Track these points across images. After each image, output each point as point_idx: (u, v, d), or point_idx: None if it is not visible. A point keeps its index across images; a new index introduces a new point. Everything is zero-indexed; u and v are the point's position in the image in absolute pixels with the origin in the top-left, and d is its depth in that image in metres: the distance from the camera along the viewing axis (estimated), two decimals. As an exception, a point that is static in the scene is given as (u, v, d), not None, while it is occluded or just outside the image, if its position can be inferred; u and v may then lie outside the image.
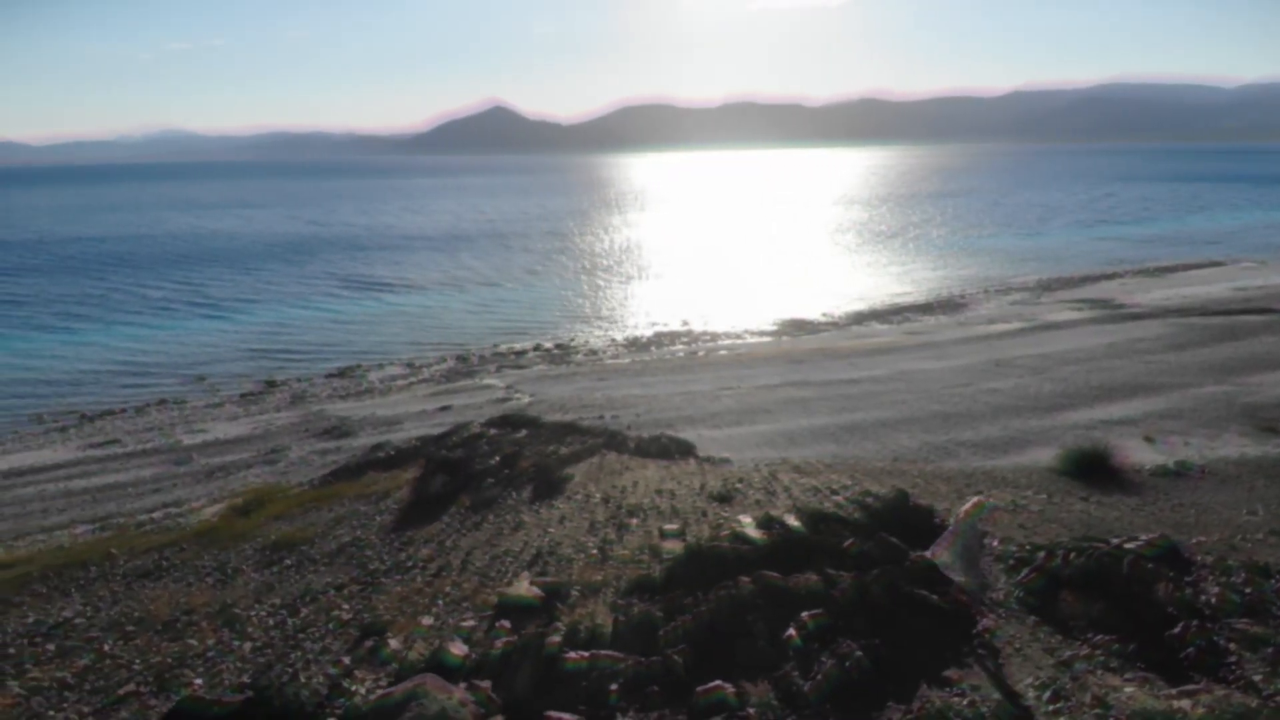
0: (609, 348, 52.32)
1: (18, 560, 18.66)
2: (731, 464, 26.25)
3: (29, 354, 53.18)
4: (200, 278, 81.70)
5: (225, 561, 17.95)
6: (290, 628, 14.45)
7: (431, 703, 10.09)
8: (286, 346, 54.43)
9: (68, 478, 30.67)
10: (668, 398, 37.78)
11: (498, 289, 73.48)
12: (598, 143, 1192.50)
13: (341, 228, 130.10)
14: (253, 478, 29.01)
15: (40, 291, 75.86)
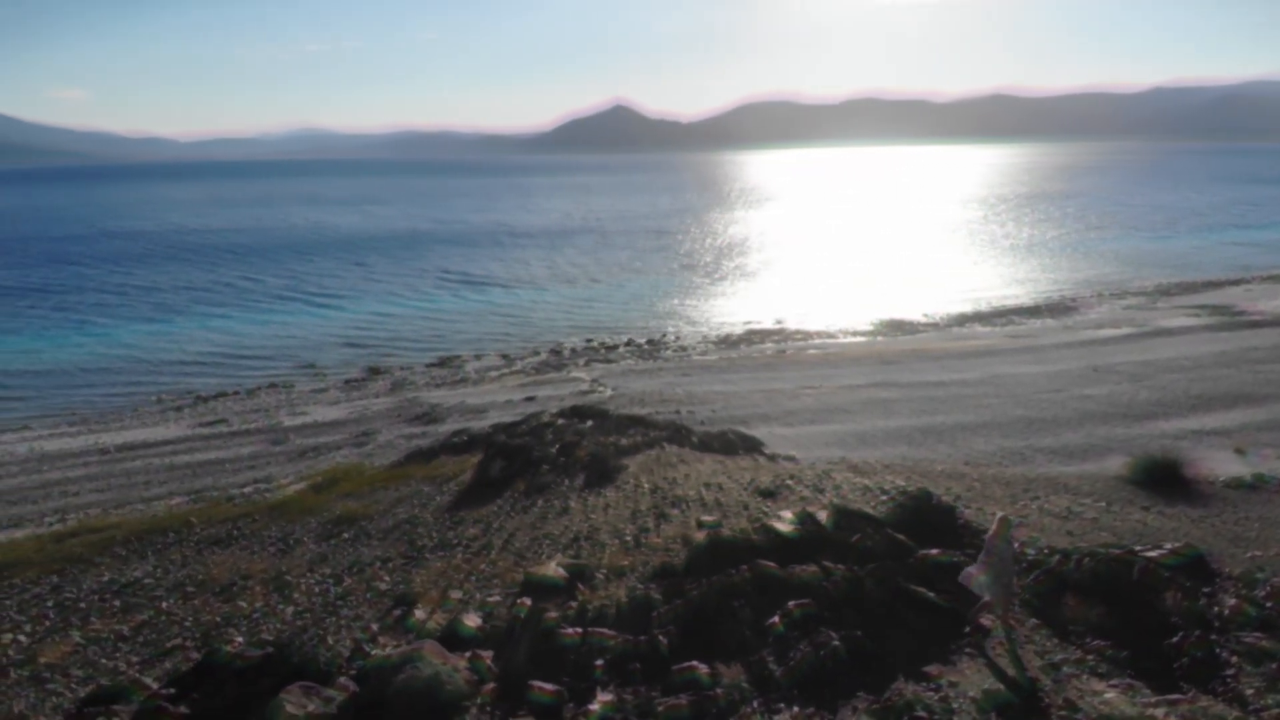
0: (699, 344, 52.57)
1: (108, 525, 20.28)
2: (796, 461, 26.26)
3: (155, 338, 56.99)
4: (318, 270, 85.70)
5: (289, 533, 19.11)
6: (332, 595, 15.36)
7: (426, 666, 10.69)
8: (393, 336, 56.68)
9: (174, 453, 32.90)
10: (747, 395, 37.86)
11: (596, 285, 74.59)
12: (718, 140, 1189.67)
13: (457, 224, 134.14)
14: (340, 458, 30.50)
15: (169, 280, 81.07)
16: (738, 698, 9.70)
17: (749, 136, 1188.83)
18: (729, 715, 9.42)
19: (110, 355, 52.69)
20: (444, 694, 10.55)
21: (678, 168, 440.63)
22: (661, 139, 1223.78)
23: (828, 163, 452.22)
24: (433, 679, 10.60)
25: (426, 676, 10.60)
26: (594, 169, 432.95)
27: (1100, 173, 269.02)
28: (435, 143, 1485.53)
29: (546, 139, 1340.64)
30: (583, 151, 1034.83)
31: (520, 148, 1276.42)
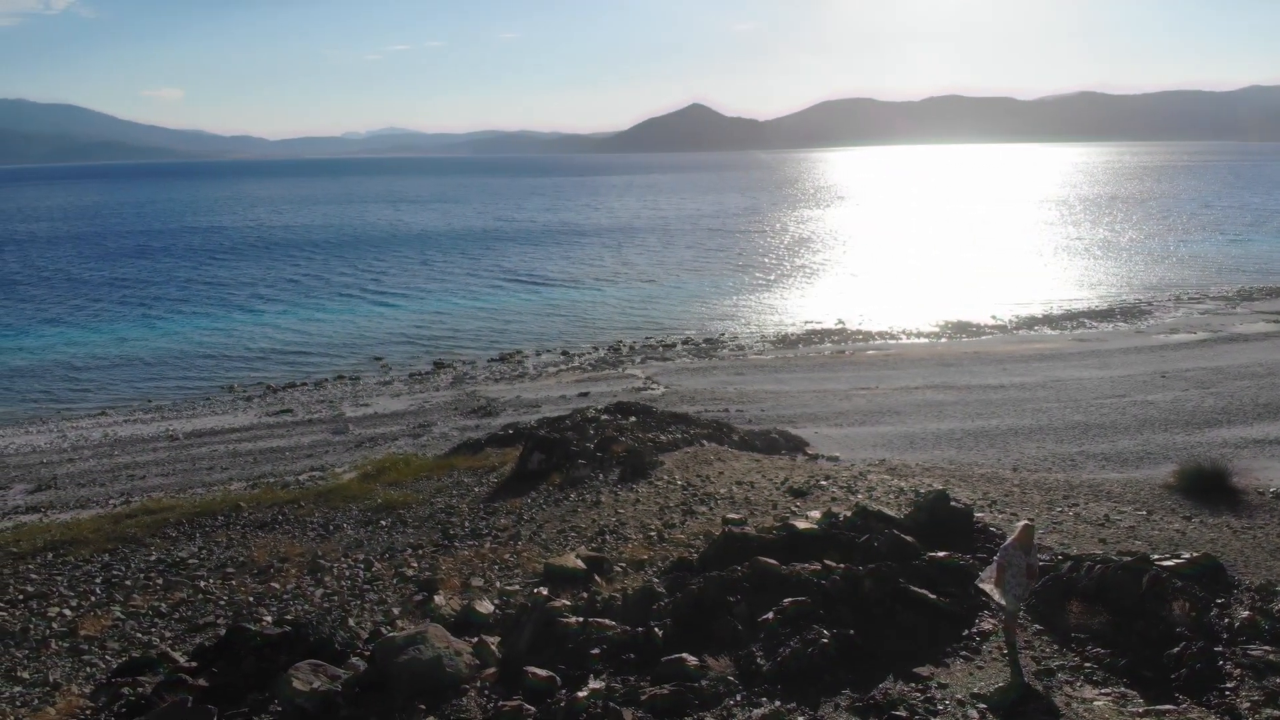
0: (756, 344, 52.45)
1: (164, 507, 21.25)
2: (838, 462, 26.19)
3: (231, 330, 59.13)
4: (390, 266, 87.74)
5: (331, 519, 19.81)
6: (361, 580, 15.93)
7: (428, 649, 11.07)
8: (459, 331, 57.80)
9: (239, 440, 34.18)
10: (799, 394, 37.72)
11: (657, 284, 74.88)
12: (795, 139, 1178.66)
13: (526, 223, 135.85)
14: (395, 448, 31.32)
15: (246, 274, 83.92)
16: (722, 689, 9.84)
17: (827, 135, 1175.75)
18: (712, 706, 9.57)
19: (187, 346, 54.81)
20: (444, 675, 10.92)
21: (752, 166, 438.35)
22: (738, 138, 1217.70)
23: (906, 162, 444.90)
24: (434, 660, 10.97)
25: (428, 658, 10.97)
26: (667, 168, 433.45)
27: (1189, 174, 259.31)
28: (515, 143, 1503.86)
29: (623, 139, 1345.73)
30: (659, 151, 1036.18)
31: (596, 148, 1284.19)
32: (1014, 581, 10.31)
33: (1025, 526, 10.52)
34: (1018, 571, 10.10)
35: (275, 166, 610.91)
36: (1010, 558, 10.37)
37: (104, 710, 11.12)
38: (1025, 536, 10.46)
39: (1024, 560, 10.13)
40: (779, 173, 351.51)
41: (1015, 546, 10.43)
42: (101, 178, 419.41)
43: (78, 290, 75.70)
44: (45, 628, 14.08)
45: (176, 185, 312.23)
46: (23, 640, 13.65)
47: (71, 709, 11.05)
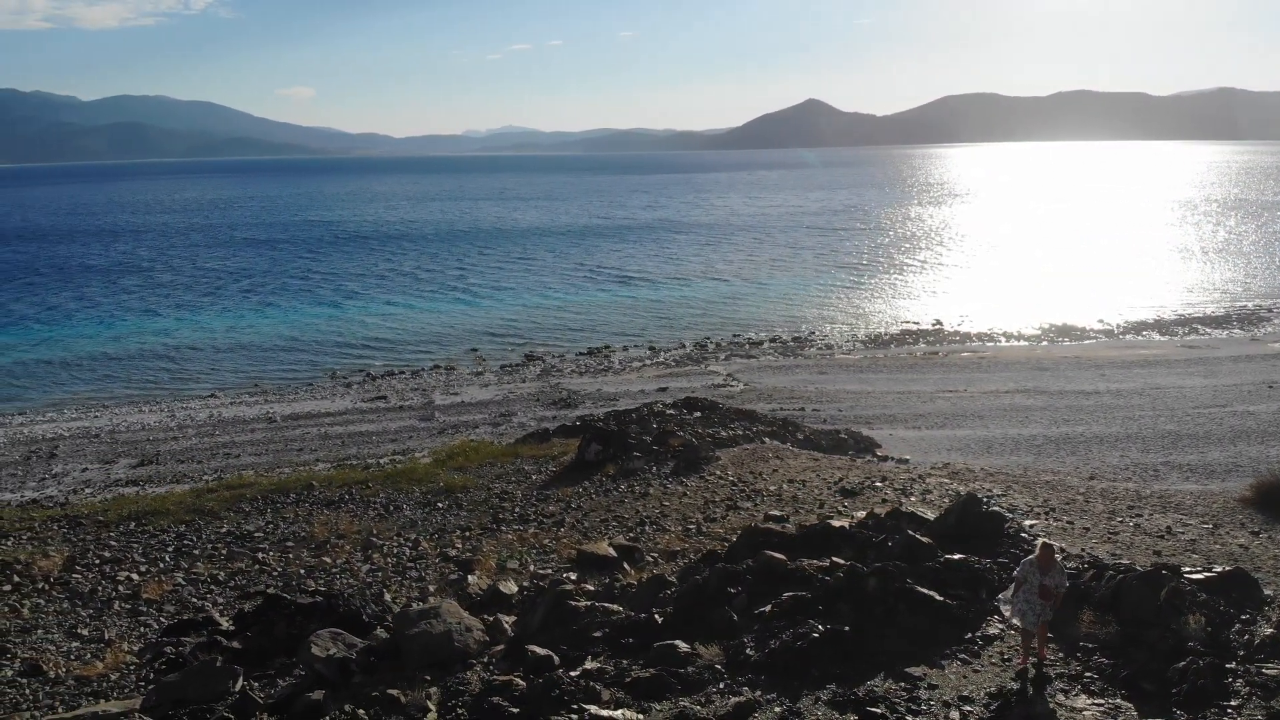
0: (847, 343, 51.79)
1: (243, 484, 22.54)
2: (905, 464, 25.82)
3: (337, 320, 61.72)
4: (492, 261, 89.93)
5: (393, 500, 20.67)
6: (407, 557, 16.64)
7: (440, 623, 11.59)
8: (552, 325, 58.91)
9: (332, 424, 35.76)
10: (880, 395, 37.18)
11: (749, 282, 74.59)
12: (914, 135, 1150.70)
13: (624, 220, 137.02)
14: (474, 436, 32.29)
15: (356, 267, 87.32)
16: (707, 676, 10.01)
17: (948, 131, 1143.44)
18: (694, 690, 9.76)
19: (298, 334, 57.46)
20: (453, 649, 11.41)
21: (867, 163, 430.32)
22: (855, 134, 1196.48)
23: (1029, 159, 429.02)
24: (445, 634, 11.48)
25: (439, 632, 11.48)
26: (778, 165, 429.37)
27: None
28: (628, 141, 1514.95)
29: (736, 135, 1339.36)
30: (772, 147, 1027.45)
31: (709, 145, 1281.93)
32: (1027, 600, 10.11)
33: (1044, 545, 10.30)
34: (1030, 590, 9.92)
35: (397, 164, 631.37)
36: (1026, 575, 10.18)
37: (146, 666, 12.02)
38: (1044, 555, 10.20)
39: (1038, 579, 9.93)
40: (892, 169, 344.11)
41: (1032, 565, 10.22)
42: (235, 172, 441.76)
43: (202, 279, 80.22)
44: (112, 590, 15.24)
45: (302, 180, 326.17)
46: (90, 600, 14.82)
47: (117, 664, 11.99)
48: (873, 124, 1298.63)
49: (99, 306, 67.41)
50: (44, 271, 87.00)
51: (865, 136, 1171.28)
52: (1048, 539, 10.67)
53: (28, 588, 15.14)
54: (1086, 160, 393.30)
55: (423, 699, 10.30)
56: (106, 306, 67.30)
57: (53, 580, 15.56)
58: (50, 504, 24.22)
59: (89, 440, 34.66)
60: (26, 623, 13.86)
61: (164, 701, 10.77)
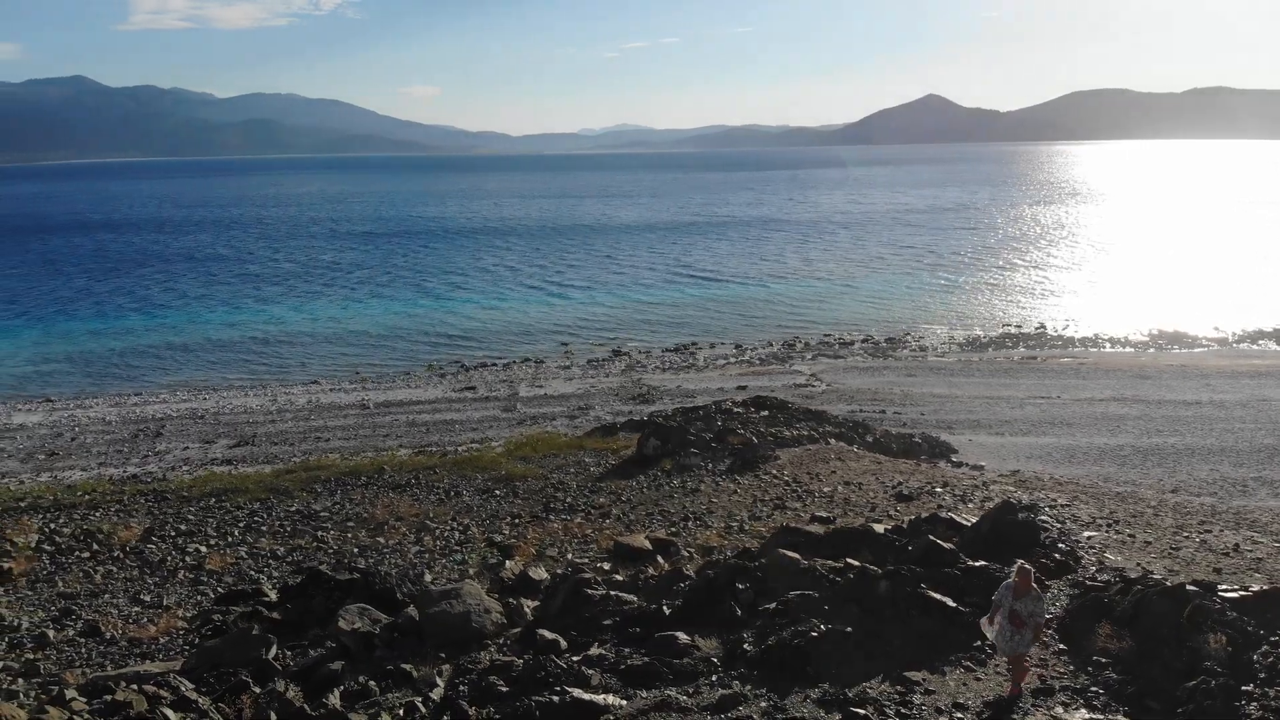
0: (941, 345, 50.60)
1: (321, 466, 23.64)
2: (979, 470, 25.32)
3: (439, 312, 63.63)
4: (590, 257, 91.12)
5: (455, 485, 21.37)
6: (455, 541, 17.24)
7: (459, 603, 12.05)
8: (643, 321, 59.37)
9: (420, 412, 36.98)
10: (967, 400, 36.28)
11: (845, 281, 73.53)
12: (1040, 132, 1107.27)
13: (724, 218, 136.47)
14: (550, 427, 32.94)
15: (461, 261, 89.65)
16: (701, 667, 10.16)
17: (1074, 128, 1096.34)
18: (684, 681, 9.92)
19: (399, 325, 59.49)
20: (470, 629, 11.87)
21: (987, 160, 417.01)
22: (976, 130, 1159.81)
23: (1161, 158, 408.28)
24: (463, 615, 11.94)
25: (458, 612, 11.95)
26: (893, 161, 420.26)
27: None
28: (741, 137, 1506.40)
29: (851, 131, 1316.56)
30: (889, 143, 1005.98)
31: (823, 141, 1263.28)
32: (1002, 626, 9.79)
33: (1020, 568, 9.89)
34: (1003, 615, 9.66)
35: (511, 161, 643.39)
36: (1001, 599, 9.87)
37: (194, 632, 12.86)
38: (1021, 581, 9.77)
39: (1009, 604, 9.64)
40: (1012, 167, 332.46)
41: (1008, 589, 9.88)
42: (357, 169, 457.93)
43: (316, 270, 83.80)
44: (179, 560, 16.29)
45: (419, 177, 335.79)
46: (158, 569, 15.89)
47: (168, 628, 12.88)
48: (995, 120, 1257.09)
49: (218, 295, 71.23)
50: (171, 260, 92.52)
51: (987, 133, 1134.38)
52: (1026, 564, 10.23)
53: (104, 555, 16.34)
54: (1222, 160, 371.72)
55: (433, 675, 10.76)
56: (225, 295, 71.04)
57: (129, 549, 16.74)
58: (148, 479, 25.83)
59: (194, 421, 36.73)
60: (97, 587, 14.99)
61: (202, 664, 11.53)
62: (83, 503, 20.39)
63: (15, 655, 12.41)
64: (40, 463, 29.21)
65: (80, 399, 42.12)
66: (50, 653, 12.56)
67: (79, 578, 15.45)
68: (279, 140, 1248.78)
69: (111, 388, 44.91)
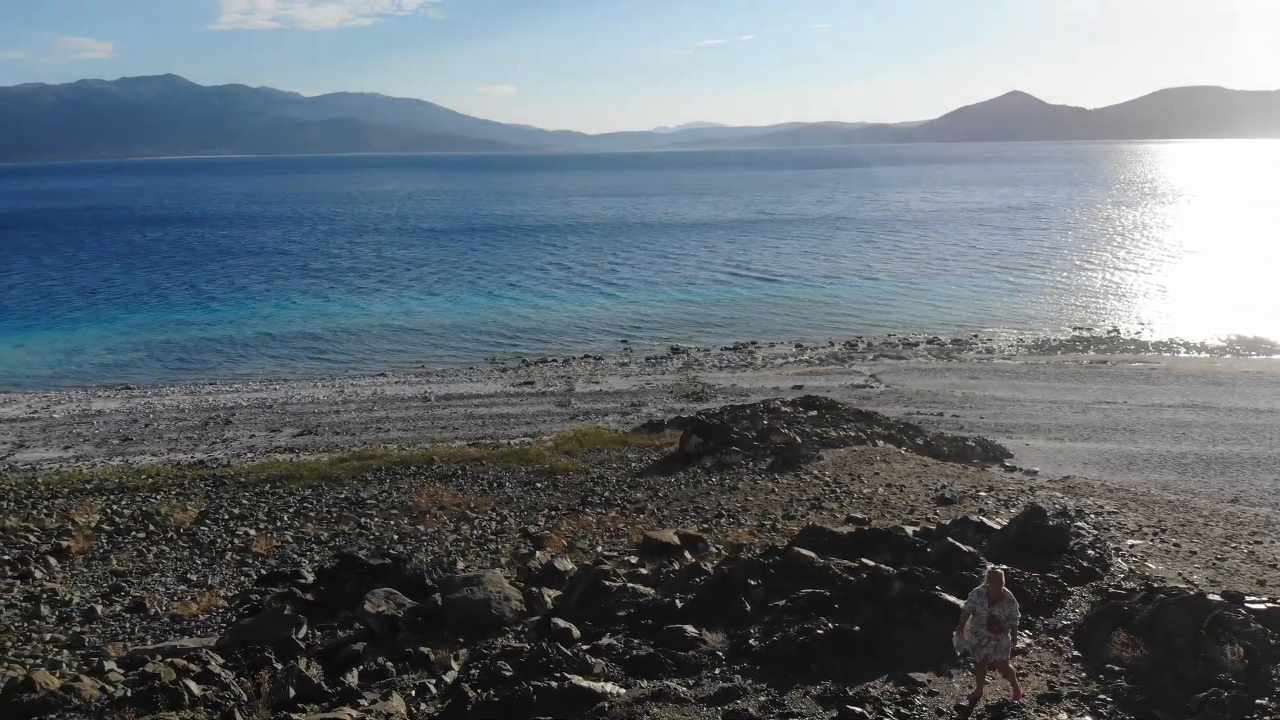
0: (1009, 348, 49.56)
1: (374, 455, 24.31)
2: (1032, 475, 24.92)
3: (503, 308, 64.53)
4: (656, 255, 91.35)
5: (499, 477, 21.80)
6: (492, 530, 17.62)
7: (480, 590, 12.38)
8: (704, 320, 59.37)
9: (478, 405, 37.66)
10: (1030, 404, 35.55)
11: (915, 280, 72.45)
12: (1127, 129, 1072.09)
13: (788, 216, 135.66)
14: (601, 423, 33.27)
15: (533, 257, 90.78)
16: (705, 660, 10.27)
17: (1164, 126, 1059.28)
18: (687, 672, 10.04)
19: (464, 320, 60.57)
20: (489, 616, 12.18)
21: (1069, 158, 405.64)
22: (1061, 127, 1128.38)
23: (1256, 158, 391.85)
24: (483, 602, 12.26)
25: (478, 599, 12.27)
26: (972, 159, 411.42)
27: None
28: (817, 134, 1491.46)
29: (932, 128, 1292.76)
30: (971, 141, 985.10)
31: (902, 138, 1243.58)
32: (975, 633, 9.61)
33: (993, 573, 9.67)
34: (979, 622, 9.50)
35: (583, 160, 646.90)
36: (974, 605, 9.68)
37: (232, 610, 13.43)
38: (993, 586, 9.54)
39: (986, 611, 9.47)
40: (1095, 166, 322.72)
41: (980, 595, 9.69)
42: (434, 167, 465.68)
43: (386, 266, 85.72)
44: (228, 542, 16.96)
45: (492, 176, 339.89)
46: (207, 550, 16.59)
47: (208, 606, 13.48)
48: (1081, 118, 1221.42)
49: (292, 288, 73.40)
50: (248, 255, 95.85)
51: (1072, 131, 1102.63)
52: (998, 567, 10.00)
53: (159, 536, 17.12)
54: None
55: (449, 658, 11.08)
56: (299, 289, 73.15)
57: (182, 531, 17.50)
58: (212, 465, 26.85)
59: (262, 410, 37.96)
60: (148, 566, 15.74)
61: (235, 641, 12.05)
62: (145, 486, 21.34)
63: (63, 628, 13.16)
64: (114, 447, 30.55)
65: (157, 387, 43.85)
66: (96, 627, 13.27)
67: (132, 556, 16.23)
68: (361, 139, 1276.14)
69: (187, 377, 46.66)
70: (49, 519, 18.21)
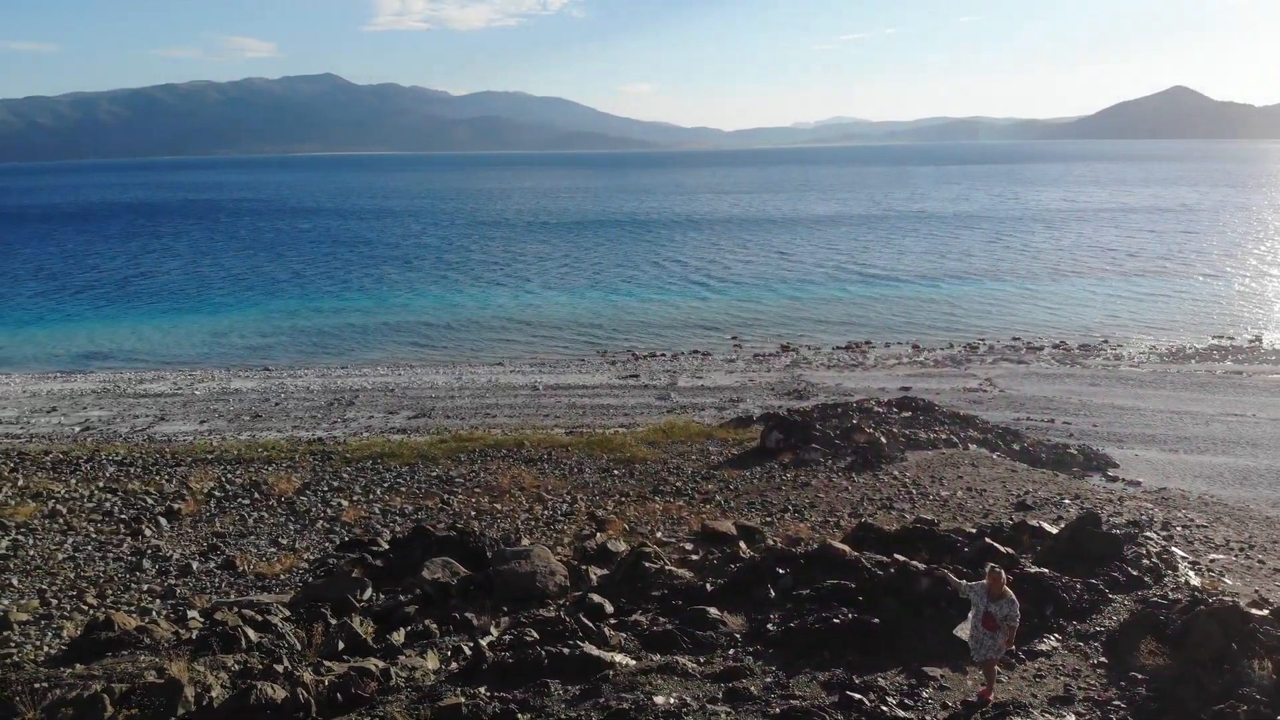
0: (1139, 355, 47.25)
1: (471, 438, 25.49)
2: (1137, 486, 24.10)
3: (615, 303, 65.59)
4: (778, 251, 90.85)
5: (581, 463, 22.58)
6: (560, 512, 18.37)
7: (527, 564, 13.10)
8: (821, 318, 58.86)
9: (581, 396, 38.67)
10: (1149, 413, 33.99)
11: (1047, 281, 69.70)
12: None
13: (919, 211, 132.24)
14: (697, 417, 33.68)
15: (660, 253, 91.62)
16: (722, 641, 10.66)
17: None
18: (701, 651, 10.45)
19: (582, 314, 61.99)
20: (534, 588, 12.90)
21: (1232, 158, 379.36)
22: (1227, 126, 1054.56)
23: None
24: (529, 575, 12.98)
25: (525, 572, 13.00)
26: (1127, 157, 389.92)
27: None
28: (964, 129, 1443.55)
29: (1088, 125, 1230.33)
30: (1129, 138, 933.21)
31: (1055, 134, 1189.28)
32: (974, 630, 9.65)
33: (992, 570, 9.67)
34: (977, 616, 9.53)
35: (719, 157, 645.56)
36: (975, 601, 9.71)
37: (309, 572, 14.59)
38: (993, 583, 9.57)
39: (984, 607, 9.49)
40: (1259, 166, 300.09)
41: (981, 590, 9.69)
42: (571, 165, 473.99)
43: (514, 261, 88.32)
44: (322, 511, 18.28)
45: (625, 174, 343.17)
46: (302, 518, 17.93)
47: (290, 567, 14.68)
48: (1248, 115, 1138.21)
49: (425, 279, 76.72)
50: (398, 245, 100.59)
51: (1239, 129, 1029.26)
52: (996, 565, 9.93)
53: (261, 503, 18.60)
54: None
55: (489, 624, 11.84)
56: (431, 279, 76.40)
57: (283, 500, 18.95)
58: (329, 442, 28.66)
59: (383, 393, 40.03)
60: (247, 529, 17.17)
61: (305, 599, 13.16)
62: (260, 458, 23.09)
63: (160, 581, 14.61)
64: (244, 423, 32.92)
65: (292, 369, 46.74)
66: (189, 580, 14.67)
67: (234, 520, 17.74)
68: (505, 137, 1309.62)
69: (321, 360, 49.55)
70: (168, 484, 20.04)
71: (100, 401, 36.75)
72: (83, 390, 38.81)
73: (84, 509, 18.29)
